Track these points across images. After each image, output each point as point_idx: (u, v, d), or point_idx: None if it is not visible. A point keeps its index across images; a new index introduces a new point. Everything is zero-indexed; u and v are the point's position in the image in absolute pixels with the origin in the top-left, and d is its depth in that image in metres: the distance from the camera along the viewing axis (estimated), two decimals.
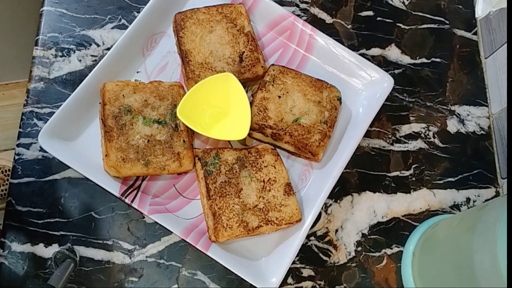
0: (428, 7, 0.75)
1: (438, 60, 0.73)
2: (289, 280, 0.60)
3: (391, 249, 0.63)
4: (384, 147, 0.67)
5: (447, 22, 0.75)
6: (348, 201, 0.64)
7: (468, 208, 0.66)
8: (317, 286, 0.60)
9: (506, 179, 0.67)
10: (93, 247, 0.58)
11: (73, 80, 0.63)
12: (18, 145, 0.60)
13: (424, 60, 0.73)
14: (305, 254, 0.61)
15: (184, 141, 0.58)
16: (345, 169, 0.60)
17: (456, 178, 0.67)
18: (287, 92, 0.61)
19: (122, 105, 0.57)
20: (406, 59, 0.72)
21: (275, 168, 0.59)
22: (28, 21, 1.02)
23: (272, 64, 0.63)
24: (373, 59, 0.71)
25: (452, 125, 0.70)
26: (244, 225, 0.55)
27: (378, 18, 0.73)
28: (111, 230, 0.59)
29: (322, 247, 0.62)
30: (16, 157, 0.60)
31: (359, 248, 0.62)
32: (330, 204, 0.63)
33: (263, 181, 0.58)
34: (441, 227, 0.59)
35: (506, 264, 0.41)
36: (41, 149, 0.60)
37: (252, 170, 0.58)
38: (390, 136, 0.68)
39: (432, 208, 0.65)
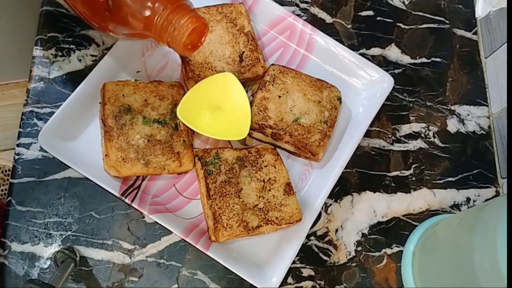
0: (428, 7, 0.75)
1: (438, 60, 0.73)
2: (289, 280, 0.60)
3: (391, 249, 0.63)
4: (384, 146, 0.67)
5: (447, 22, 0.75)
6: (348, 201, 0.64)
7: (468, 208, 0.66)
8: (317, 285, 0.60)
9: (506, 179, 0.67)
10: (93, 247, 0.58)
11: (73, 80, 0.63)
12: (18, 145, 0.60)
13: (424, 59, 0.73)
14: (305, 254, 0.61)
15: (184, 141, 0.57)
16: (345, 168, 0.60)
17: (456, 178, 0.67)
18: (287, 92, 0.61)
19: (122, 105, 0.57)
20: (406, 59, 0.72)
21: (275, 168, 0.59)
22: (28, 21, 1.02)
23: (272, 64, 0.63)
24: (373, 59, 0.71)
25: (452, 125, 0.70)
26: (244, 224, 0.55)
27: (378, 18, 0.74)
28: (111, 230, 0.59)
29: (322, 247, 0.62)
30: (16, 157, 0.60)
31: (359, 248, 0.62)
32: (330, 204, 0.63)
33: (263, 181, 0.58)
34: (441, 227, 0.59)
35: (506, 264, 0.41)
36: (41, 149, 0.60)
37: (252, 169, 0.58)
38: (390, 136, 0.68)
39: (432, 208, 0.65)
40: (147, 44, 0.64)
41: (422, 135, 0.69)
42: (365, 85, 0.66)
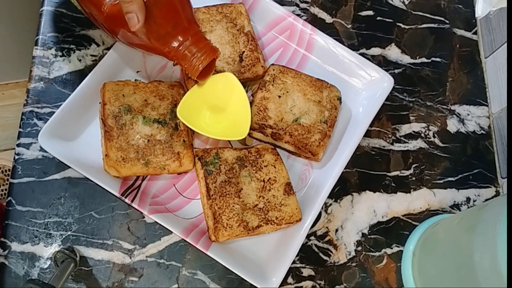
0: (428, 7, 0.75)
1: (438, 59, 0.73)
2: (289, 279, 0.60)
3: (391, 248, 0.63)
4: (384, 146, 0.67)
5: (447, 21, 0.75)
6: (348, 201, 0.64)
7: (468, 207, 0.66)
8: (317, 285, 0.60)
9: (506, 179, 0.67)
10: (93, 247, 0.58)
11: (73, 80, 0.63)
12: (18, 145, 0.60)
13: (424, 59, 0.73)
14: (305, 253, 0.61)
15: (184, 140, 0.57)
16: (345, 168, 0.60)
17: (456, 178, 0.67)
18: (287, 92, 0.61)
19: (122, 105, 0.57)
20: (406, 59, 0.72)
21: (275, 167, 0.59)
22: (28, 21, 1.02)
23: (272, 64, 0.63)
24: (373, 58, 0.71)
25: (452, 125, 0.70)
26: (244, 224, 0.55)
27: (378, 18, 0.74)
28: (111, 230, 0.59)
29: (322, 247, 0.62)
30: (16, 157, 0.60)
31: (359, 248, 0.62)
32: (330, 204, 0.63)
33: (263, 181, 0.58)
34: (441, 227, 0.59)
35: (506, 264, 0.41)
36: (41, 149, 0.60)
37: (252, 169, 0.58)
38: (390, 135, 0.68)
39: (432, 208, 0.65)
40: None
41: (422, 135, 0.69)
42: (365, 85, 0.66)
